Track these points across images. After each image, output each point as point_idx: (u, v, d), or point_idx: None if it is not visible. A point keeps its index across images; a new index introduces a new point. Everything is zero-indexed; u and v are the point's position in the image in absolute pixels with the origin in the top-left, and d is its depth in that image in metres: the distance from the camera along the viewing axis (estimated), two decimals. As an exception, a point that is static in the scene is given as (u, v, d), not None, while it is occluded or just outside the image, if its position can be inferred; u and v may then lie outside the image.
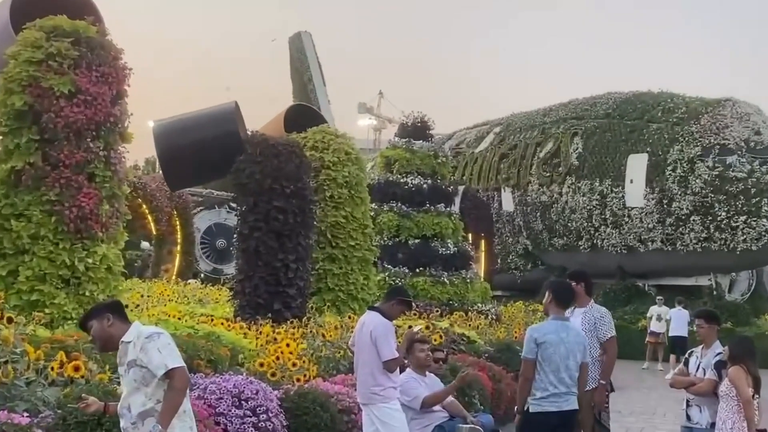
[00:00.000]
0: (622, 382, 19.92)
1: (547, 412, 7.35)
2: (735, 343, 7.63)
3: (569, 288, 8.07)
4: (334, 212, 17.04)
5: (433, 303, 21.02)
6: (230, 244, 30.37)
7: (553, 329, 7.53)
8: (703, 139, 30.08)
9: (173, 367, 4.98)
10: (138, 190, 28.60)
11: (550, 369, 7.36)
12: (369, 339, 7.82)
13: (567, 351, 7.44)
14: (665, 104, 32.40)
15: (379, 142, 74.04)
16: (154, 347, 5.01)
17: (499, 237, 36.69)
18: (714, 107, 30.95)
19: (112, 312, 5.24)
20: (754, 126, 30.05)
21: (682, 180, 30.10)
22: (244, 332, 11.74)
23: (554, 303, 7.75)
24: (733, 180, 29.16)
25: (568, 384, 7.41)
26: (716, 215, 29.37)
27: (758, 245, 28.73)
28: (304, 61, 48.47)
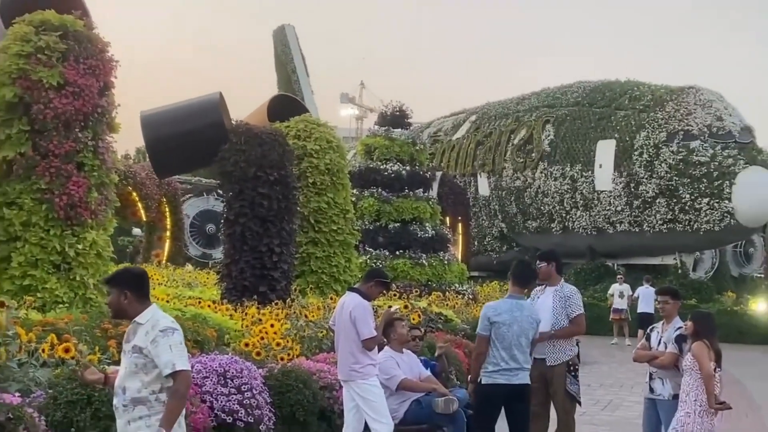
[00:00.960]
0: (592, 357, 20.09)
1: (498, 384, 7.53)
2: (697, 320, 7.63)
3: (528, 269, 8.12)
4: (316, 198, 16.97)
5: (412, 284, 21.05)
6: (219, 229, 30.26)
7: (507, 308, 7.62)
8: (667, 125, 30.20)
9: (181, 369, 4.75)
10: (128, 179, 28.37)
11: (503, 346, 7.51)
12: (349, 319, 7.83)
13: (520, 330, 7.56)
14: (632, 92, 32.53)
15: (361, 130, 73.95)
16: (166, 343, 4.77)
17: (475, 220, 36.79)
18: (678, 95, 31.08)
19: (131, 289, 4.91)
20: (717, 112, 30.17)
21: (648, 164, 30.23)
22: (230, 314, 11.70)
23: (512, 282, 7.82)
24: (697, 164, 29.29)
25: (520, 361, 7.54)
26: (681, 198, 29.52)
27: (720, 226, 28.90)
28: (288, 53, 48.21)
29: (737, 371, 17.91)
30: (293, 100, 20.39)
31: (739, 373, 17.72)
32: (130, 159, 58.08)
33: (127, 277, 5.06)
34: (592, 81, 35.79)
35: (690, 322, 7.59)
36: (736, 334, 25.95)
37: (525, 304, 7.79)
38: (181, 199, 33.22)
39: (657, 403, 7.94)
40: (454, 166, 38.62)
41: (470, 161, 38.20)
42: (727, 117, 30.17)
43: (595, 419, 12.27)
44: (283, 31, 48.54)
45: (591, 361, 19.49)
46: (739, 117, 30.63)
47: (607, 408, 13.40)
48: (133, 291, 4.93)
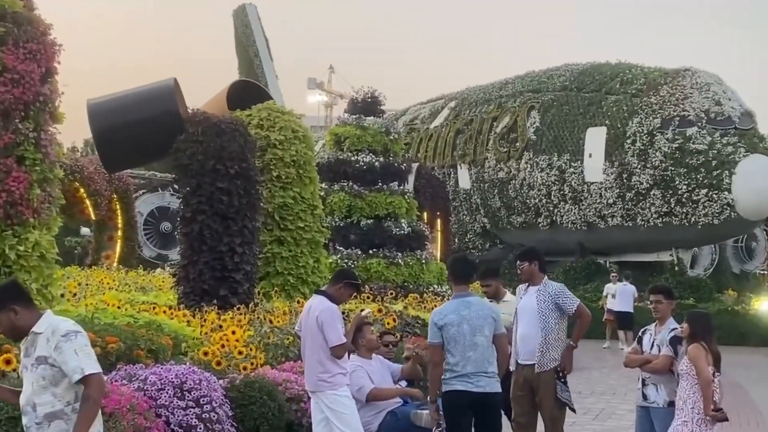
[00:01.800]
0: (583, 362, 20.19)
1: (457, 391, 7.51)
2: (694, 320, 7.68)
3: (466, 263, 8.16)
4: (281, 193, 16.97)
5: (387, 285, 21.09)
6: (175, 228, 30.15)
7: (453, 308, 7.66)
8: (662, 111, 30.34)
9: (90, 373, 4.74)
10: (75, 173, 28.24)
11: (456, 350, 7.51)
12: (316, 324, 7.83)
13: (471, 328, 7.55)
14: (623, 75, 32.64)
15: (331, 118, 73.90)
16: (70, 348, 4.76)
17: (455, 216, 36.88)
18: (673, 78, 31.24)
19: (16, 301, 4.89)
20: (714, 96, 30.34)
21: (641, 153, 30.37)
22: (188, 320, 11.69)
23: (453, 281, 7.88)
24: (694, 152, 29.44)
25: (477, 363, 7.50)
26: (677, 189, 29.68)
27: (720, 219, 29.09)
28: (249, 35, 48.08)
29: (738, 375, 18.10)
30: (255, 86, 20.34)
31: (740, 378, 17.91)
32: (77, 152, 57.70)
33: (6, 294, 5.00)
34: (580, 63, 35.91)
35: (686, 324, 7.65)
36: (737, 336, 26.22)
37: (473, 300, 7.77)
38: (133, 196, 33.10)
39: (651, 411, 8.00)
40: (431, 157, 38.67)
41: (449, 151, 38.25)
42: (726, 101, 30.38)
43: (586, 429, 12.37)
44: (244, 10, 48.40)
45: (581, 367, 19.58)
46: (738, 101, 30.87)
47: (599, 417, 13.49)
48: (19, 303, 4.92)
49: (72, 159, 29.85)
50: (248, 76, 41.86)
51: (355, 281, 8.33)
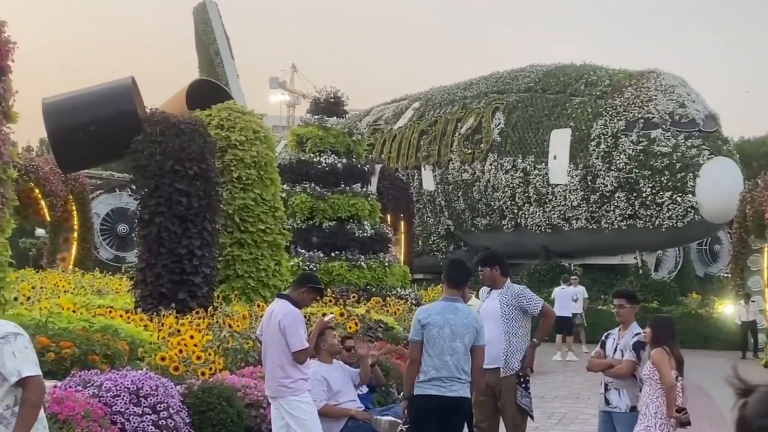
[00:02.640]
0: (547, 366, 20.34)
1: (430, 396, 7.49)
2: (656, 325, 7.76)
3: (462, 268, 8.17)
4: (242, 194, 16.90)
5: (349, 288, 21.07)
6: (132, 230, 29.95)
7: (439, 310, 7.66)
8: (627, 113, 30.58)
9: (28, 375, 4.65)
10: (29, 174, 27.91)
11: (434, 351, 7.50)
12: (278, 329, 7.79)
13: (453, 333, 7.54)
14: (588, 77, 32.88)
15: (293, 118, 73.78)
16: (9, 350, 4.67)
17: (419, 218, 36.88)
18: (638, 80, 31.50)
19: None
20: (679, 98, 30.66)
21: (606, 155, 30.59)
22: (145, 324, 11.59)
23: (446, 284, 7.89)
24: (658, 155, 29.71)
25: (453, 369, 7.49)
26: (641, 191, 29.94)
27: (684, 222, 29.37)
28: (210, 33, 47.92)
29: (702, 379, 18.27)
30: (216, 85, 20.24)
31: (704, 381, 18.08)
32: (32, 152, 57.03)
33: None
34: (545, 64, 36.13)
35: (648, 328, 7.72)
36: (701, 339, 26.52)
37: (461, 307, 7.75)
38: (90, 197, 32.80)
39: (613, 416, 8.06)
40: (395, 158, 38.69)
41: (413, 153, 38.29)
42: (691, 104, 30.70)
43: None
44: (204, 8, 48.22)
45: (545, 371, 19.73)
46: (703, 104, 31.22)
47: (562, 422, 13.56)
48: None
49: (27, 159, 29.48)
50: (209, 74, 41.69)
51: (318, 285, 8.31)
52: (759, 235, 24.71)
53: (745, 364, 23.47)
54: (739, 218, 26.21)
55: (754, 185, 25.18)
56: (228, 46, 48.17)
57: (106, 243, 37.03)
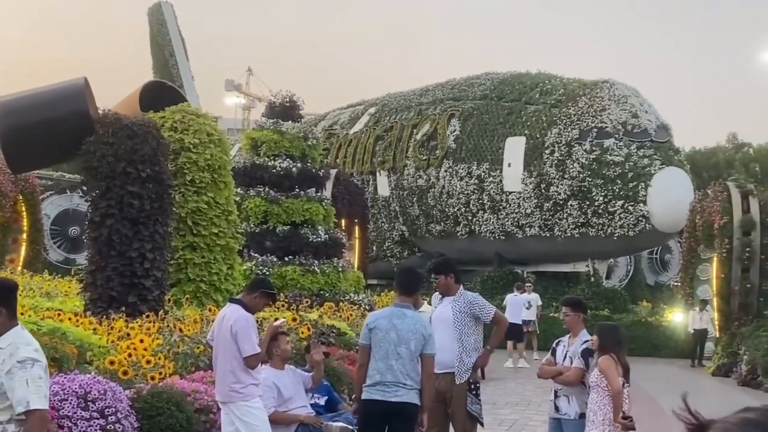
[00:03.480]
0: (498, 373, 20.46)
1: (374, 401, 7.61)
2: (604, 332, 7.87)
3: (414, 275, 8.27)
4: (195, 198, 16.82)
5: (302, 293, 21.06)
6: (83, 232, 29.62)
7: (387, 315, 7.81)
8: (580, 122, 30.86)
9: (34, 408, 4.63)
10: (-22, 174, 27.48)
11: (379, 355, 7.62)
12: (229, 333, 7.76)
13: (398, 338, 7.64)
14: (543, 86, 33.16)
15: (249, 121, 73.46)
16: (23, 377, 4.65)
17: (374, 223, 36.91)
18: (591, 89, 31.82)
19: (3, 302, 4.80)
20: (632, 109, 31.02)
21: (559, 164, 30.84)
22: (94, 328, 11.48)
23: (397, 291, 8.00)
24: (611, 164, 30.04)
25: (397, 374, 7.57)
26: (593, 200, 30.23)
27: (635, 231, 29.71)
28: (165, 34, 47.52)
29: (651, 386, 18.52)
30: (170, 87, 20.14)
31: (653, 389, 18.31)
32: (-18, 150, 56.13)
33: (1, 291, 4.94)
34: (501, 72, 36.38)
35: (595, 336, 7.82)
36: (651, 347, 26.85)
37: (410, 313, 7.84)
38: (40, 197, 32.35)
39: (563, 423, 8.15)
40: (350, 163, 38.68)
41: (369, 158, 38.31)
42: (643, 114, 31.08)
43: (499, 441, 12.50)
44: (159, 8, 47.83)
45: (497, 378, 19.85)
46: (655, 114, 31.63)
47: (512, 428, 13.67)
48: (4, 306, 4.84)
49: (-26, 158, 29.03)
50: (163, 76, 41.39)
51: (271, 291, 8.30)
52: (708, 245, 25.07)
53: (694, 372, 23.83)
54: (689, 228, 26.57)
55: (704, 195, 25.55)
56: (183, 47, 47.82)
57: (56, 245, 36.55)
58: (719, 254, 23.42)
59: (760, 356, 19.71)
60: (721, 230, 23.27)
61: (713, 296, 24.25)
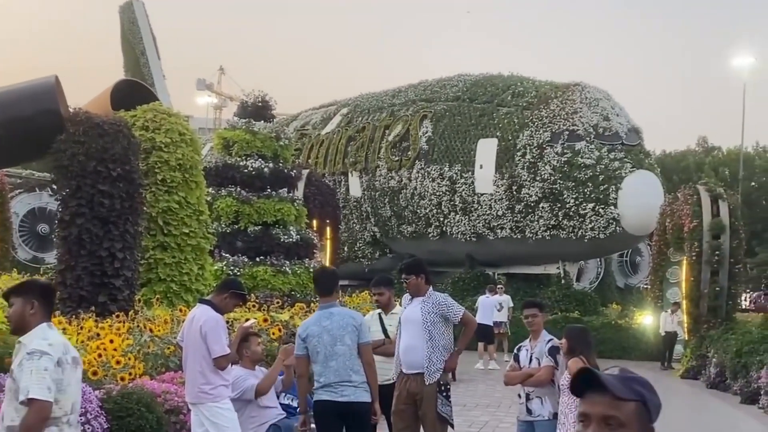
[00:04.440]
0: (468, 375, 20.52)
1: (323, 401, 7.77)
2: (572, 335, 7.90)
3: (330, 275, 8.40)
4: (166, 197, 16.75)
5: (273, 294, 21.01)
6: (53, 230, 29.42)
7: (315, 320, 7.96)
8: (552, 125, 31.01)
9: (33, 397, 4.69)
10: (-54, 171, 27.26)
11: (319, 360, 7.77)
12: (199, 334, 7.74)
13: (331, 338, 7.80)
14: (515, 88, 33.30)
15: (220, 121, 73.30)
16: (29, 367, 4.74)
17: (345, 224, 36.96)
18: (563, 92, 31.98)
19: (39, 298, 4.97)
20: (603, 112, 31.20)
21: (531, 166, 30.96)
22: (64, 327, 11.39)
23: (318, 292, 8.18)
24: (582, 167, 30.19)
25: (340, 372, 7.72)
26: (565, 202, 30.38)
27: (606, 233, 29.90)
28: (136, 33, 47.28)
29: (620, 389, 18.62)
30: (141, 86, 20.04)
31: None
32: (-51, 147, 55.67)
33: (38, 286, 5.16)
34: (473, 74, 36.48)
35: (564, 338, 7.86)
36: (620, 350, 27.01)
37: (335, 311, 7.99)
38: (8, 195, 32.10)
39: (536, 425, 8.16)
40: (322, 164, 38.66)
41: (341, 158, 38.32)
42: (614, 117, 31.28)
43: (470, 442, 12.54)
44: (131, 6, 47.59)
45: (467, 379, 19.91)
46: (626, 117, 31.85)
47: (483, 430, 13.72)
48: (41, 302, 4.99)
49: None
50: (134, 75, 41.18)
51: (241, 291, 8.28)
52: (678, 248, 25.26)
53: (663, 374, 24.01)
54: (659, 231, 26.77)
55: (674, 199, 25.74)
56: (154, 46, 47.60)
57: (24, 243, 36.27)
58: (689, 257, 23.59)
59: (729, 359, 19.89)
60: (690, 233, 23.45)
61: (682, 299, 24.43)
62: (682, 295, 24.52)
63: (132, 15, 47.42)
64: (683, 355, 24.33)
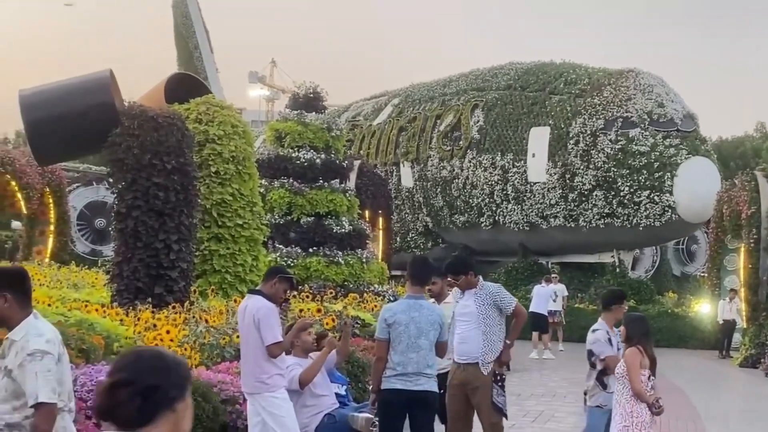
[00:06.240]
0: (523, 365, 20.42)
1: (396, 390, 7.78)
2: (630, 323, 7.83)
3: (426, 265, 8.36)
4: (219, 189, 16.85)
5: (326, 284, 21.07)
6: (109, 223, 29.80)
7: (404, 308, 7.92)
8: (605, 112, 30.67)
9: (42, 401, 4.68)
10: (6, 166, 27.74)
11: (400, 349, 7.76)
12: (252, 323, 7.78)
13: (418, 330, 7.81)
14: (567, 75, 32.94)
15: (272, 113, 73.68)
16: (32, 369, 4.70)
17: (397, 214, 36.91)
18: (617, 79, 31.59)
19: (10, 289, 4.82)
20: (657, 98, 30.76)
21: (584, 154, 30.67)
22: (121, 319, 11.54)
23: (410, 281, 8.06)
24: (636, 154, 29.84)
25: (419, 365, 7.74)
26: (619, 190, 30.05)
27: (661, 221, 29.53)
28: (189, 27, 47.63)
29: (678, 378, 18.44)
30: (194, 79, 20.19)
31: (679, 380, 18.24)
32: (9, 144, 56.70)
33: (6, 277, 4.96)
34: (525, 62, 36.17)
35: (623, 327, 7.79)
36: (677, 338, 26.71)
37: (425, 304, 8.03)
38: (66, 189, 32.60)
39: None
40: (374, 155, 38.68)
41: (392, 149, 38.31)
42: (669, 103, 30.83)
43: (525, 431, 12.47)
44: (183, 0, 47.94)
45: (522, 369, 19.81)
46: (681, 103, 31.36)
47: (538, 420, 13.61)
48: (14, 293, 4.84)
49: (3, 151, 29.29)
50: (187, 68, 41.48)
51: (288, 275, 8.32)
52: (735, 235, 24.89)
53: (721, 363, 23.69)
54: (716, 218, 26.38)
55: (731, 185, 25.36)
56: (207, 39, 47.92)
57: (82, 236, 36.84)
58: (747, 244, 23.24)
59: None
60: (748, 220, 23.09)
61: (741, 287, 24.06)
62: (740, 283, 24.17)
63: (185, 9, 47.80)
64: (741, 343, 23.97)
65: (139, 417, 2.58)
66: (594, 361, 8.27)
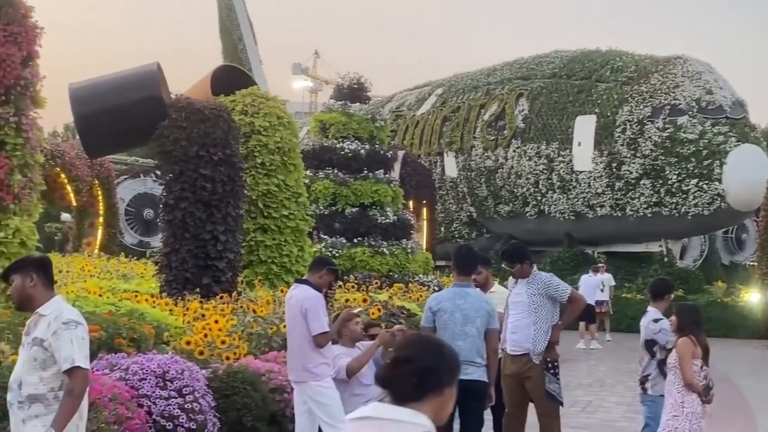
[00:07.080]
0: (570, 354, 20.34)
1: None
2: (682, 313, 7.77)
3: (471, 254, 8.33)
4: (265, 180, 16.95)
5: (372, 274, 21.12)
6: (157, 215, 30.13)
7: (450, 296, 7.93)
8: (653, 99, 30.38)
9: (79, 365, 4.89)
10: (56, 158, 28.13)
11: (446, 336, 7.63)
12: (299, 313, 7.83)
13: (464, 318, 7.78)
14: (614, 63, 32.68)
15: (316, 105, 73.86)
16: (68, 337, 4.91)
17: (442, 204, 36.86)
18: (664, 66, 31.28)
19: (37, 271, 5.12)
20: (706, 85, 30.41)
21: (631, 142, 30.43)
22: (170, 309, 11.69)
23: (455, 270, 8.04)
24: (684, 142, 29.53)
25: (466, 353, 7.62)
26: (667, 179, 29.77)
27: (710, 210, 29.22)
28: (233, 19, 48.01)
29: (728, 368, 18.24)
30: (239, 71, 20.30)
31: (729, 370, 18.05)
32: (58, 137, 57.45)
33: (30, 260, 5.30)
34: (570, 50, 35.93)
35: (674, 316, 7.74)
36: (727, 328, 26.41)
37: (471, 291, 8.00)
38: (115, 182, 33.01)
39: None
40: (418, 145, 38.66)
41: (436, 139, 38.26)
42: (718, 90, 30.46)
43: (573, 421, 12.42)
44: (228, -6, 48.31)
45: (569, 359, 19.72)
46: (730, 90, 30.97)
47: (587, 409, 13.58)
48: (39, 273, 5.13)
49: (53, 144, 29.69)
50: (232, 61, 41.77)
51: (334, 267, 8.38)
52: (786, 224, 24.54)
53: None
54: (765, 206, 26.03)
55: (782, 173, 24.98)
56: (251, 31, 48.27)
57: (131, 228, 37.29)
58: (797, 233, 22.90)
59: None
60: (799, 208, 22.75)
61: (791, 276, 23.74)
62: (791, 272, 23.83)
63: (229, 2, 48.19)
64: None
65: (412, 393, 2.94)
66: (655, 350, 8.22)
